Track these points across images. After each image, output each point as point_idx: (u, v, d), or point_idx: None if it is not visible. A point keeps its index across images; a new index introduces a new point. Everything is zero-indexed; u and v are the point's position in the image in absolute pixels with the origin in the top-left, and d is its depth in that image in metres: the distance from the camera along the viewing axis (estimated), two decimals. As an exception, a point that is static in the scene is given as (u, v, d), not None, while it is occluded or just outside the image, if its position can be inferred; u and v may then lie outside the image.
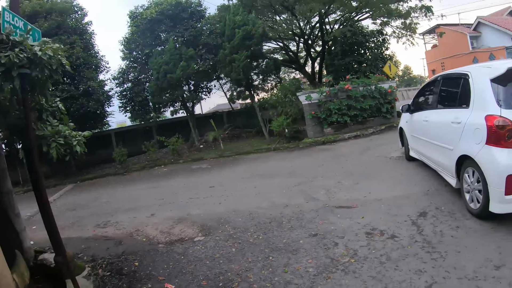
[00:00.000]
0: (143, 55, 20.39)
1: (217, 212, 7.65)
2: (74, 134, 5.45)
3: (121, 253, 6.09)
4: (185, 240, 6.26)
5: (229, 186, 10.24)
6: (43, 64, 3.92)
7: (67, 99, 17.11)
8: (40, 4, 18.46)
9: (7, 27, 3.81)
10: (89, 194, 13.18)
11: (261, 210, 7.21)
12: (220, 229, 6.51)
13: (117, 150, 18.41)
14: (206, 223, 6.92)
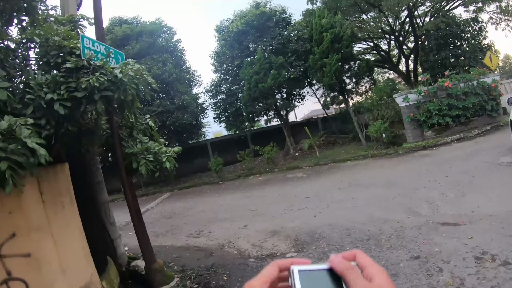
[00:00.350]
0: (233, 67, 20.85)
1: (311, 225, 7.20)
2: (164, 150, 5.46)
3: (211, 265, 6.00)
4: (277, 255, 5.94)
5: (324, 197, 9.70)
6: (125, 85, 3.91)
7: (163, 113, 18.17)
8: (130, 28, 20.10)
9: (87, 53, 3.89)
10: (185, 202, 13.66)
11: (358, 225, 6.58)
12: (314, 245, 6.06)
13: (213, 160, 18.95)
14: (300, 238, 6.53)
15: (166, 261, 6.44)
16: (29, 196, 3.72)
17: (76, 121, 3.79)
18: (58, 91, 3.48)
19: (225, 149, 21.86)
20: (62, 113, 3.43)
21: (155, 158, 5.20)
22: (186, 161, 21.14)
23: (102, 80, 3.63)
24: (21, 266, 3.44)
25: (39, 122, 3.37)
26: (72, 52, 3.99)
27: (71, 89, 3.58)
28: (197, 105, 20.41)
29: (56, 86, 3.51)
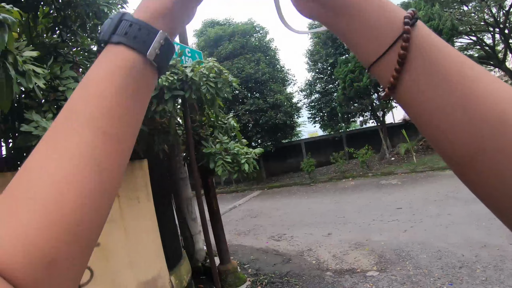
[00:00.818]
0: (327, 65, 20.33)
1: (400, 241, 6.54)
2: (244, 151, 5.33)
3: (285, 273, 5.75)
4: (357, 272, 5.46)
5: (418, 209, 8.77)
6: (197, 84, 3.85)
7: (256, 111, 18.38)
8: (222, 29, 20.68)
9: (158, 53, 3.90)
10: (273, 202, 13.58)
11: (452, 248, 5.76)
12: (399, 265, 5.43)
13: (305, 160, 18.64)
14: (385, 255, 5.93)
15: (242, 263, 6.36)
16: (103, 190, 3.87)
17: (147, 121, 3.84)
18: (129, 90, 3.54)
19: (318, 149, 21.42)
20: (132, 112, 3.47)
21: (233, 160, 5.09)
22: (278, 160, 21.21)
23: (172, 79, 3.61)
24: (89, 255, 3.58)
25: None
26: (146, 53, 4.06)
27: (142, 89, 3.62)
28: (291, 104, 20.29)
29: (127, 86, 3.58)
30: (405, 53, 0.42)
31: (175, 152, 6.51)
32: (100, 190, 0.42)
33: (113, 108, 0.44)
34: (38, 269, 0.37)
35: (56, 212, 0.38)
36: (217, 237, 5.63)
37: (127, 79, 0.45)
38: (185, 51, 4.45)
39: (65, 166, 0.40)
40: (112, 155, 0.43)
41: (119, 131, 0.44)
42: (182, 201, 6.49)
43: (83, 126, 0.42)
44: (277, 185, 18.09)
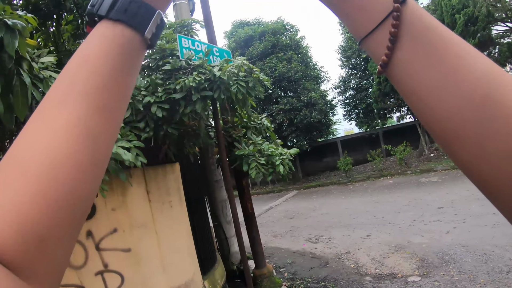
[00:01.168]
0: (361, 60, 19.87)
1: (442, 244, 6.18)
2: (279, 152, 5.18)
3: (323, 277, 5.57)
4: (397, 276, 5.21)
5: (461, 208, 8.28)
6: (225, 84, 3.76)
7: (290, 111, 18.21)
8: (252, 29, 20.67)
9: (186, 53, 3.84)
10: (309, 202, 13.35)
11: (499, 251, 5.36)
12: (443, 269, 5.12)
13: (342, 159, 18.26)
14: (427, 258, 5.62)
15: (278, 266, 6.24)
16: (134, 194, 3.88)
17: (176, 123, 3.79)
18: (156, 93, 3.50)
19: (355, 147, 20.98)
20: (160, 116, 3.43)
21: (268, 161, 4.96)
22: (314, 159, 20.97)
23: (199, 79, 3.53)
24: (120, 259, 3.59)
25: (138, 125, 3.43)
26: (173, 54, 4.02)
27: (169, 91, 3.57)
28: (325, 102, 19.97)
29: (154, 89, 3.54)
30: (396, 31, 0.42)
31: (208, 154, 6.49)
32: (93, 162, 0.42)
33: (108, 84, 0.44)
34: (30, 245, 0.36)
35: (50, 185, 0.38)
36: (252, 240, 5.53)
37: (124, 56, 0.46)
38: (213, 51, 4.36)
39: (58, 138, 0.40)
40: (105, 128, 0.44)
41: (113, 105, 0.45)
42: (217, 204, 6.46)
43: (78, 100, 0.42)
44: (314, 185, 17.84)
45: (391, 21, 0.42)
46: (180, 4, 7.38)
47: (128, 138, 3.06)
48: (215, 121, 4.42)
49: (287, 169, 4.97)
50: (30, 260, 0.36)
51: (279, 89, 19.26)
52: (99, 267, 3.41)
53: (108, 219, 3.54)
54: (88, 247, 3.39)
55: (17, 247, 0.35)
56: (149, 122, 3.49)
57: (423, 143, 18.35)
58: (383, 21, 0.43)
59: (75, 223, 0.41)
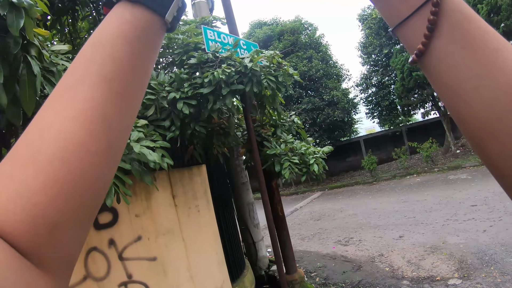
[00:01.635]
0: (382, 57, 19.35)
1: (480, 243, 5.79)
2: (312, 151, 4.88)
3: (357, 282, 5.28)
4: (436, 279, 4.88)
5: (495, 206, 7.81)
6: (258, 76, 3.48)
7: (313, 110, 17.91)
8: (271, 29, 20.69)
9: (212, 45, 3.59)
10: (335, 203, 12.98)
11: (543, 249, 4.94)
12: (484, 271, 4.76)
13: (366, 158, 17.80)
14: (466, 259, 5.25)
15: (308, 270, 5.94)
16: (159, 199, 3.65)
17: (204, 121, 3.53)
18: (182, 89, 3.25)
19: (378, 146, 20.53)
20: (187, 113, 3.17)
21: (301, 160, 4.66)
22: (338, 159, 20.65)
23: (229, 71, 3.25)
24: (145, 269, 3.35)
25: (162, 124, 3.19)
26: (197, 48, 3.78)
27: (196, 86, 3.31)
28: (347, 100, 19.55)
29: (180, 84, 3.29)
30: (435, 18, 0.41)
31: (234, 155, 6.26)
32: (108, 148, 0.41)
33: (126, 69, 0.42)
34: (42, 230, 0.36)
35: (62, 169, 0.37)
36: (283, 244, 5.24)
37: (143, 40, 0.44)
38: (240, 43, 4.10)
39: (72, 121, 0.38)
40: (121, 114, 0.42)
41: (130, 91, 0.43)
42: (244, 207, 6.23)
43: (94, 84, 0.40)
44: (338, 185, 17.45)
45: (429, 8, 0.41)
46: (199, 2, 7.19)
47: (153, 138, 2.82)
48: (246, 118, 4.13)
49: (322, 169, 4.66)
50: (43, 245, 0.36)
51: (301, 89, 18.93)
52: (122, 278, 3.17)
53: (131, 226, 3.30)
54: (111, 256, 3.14)
55: (29, 232, 0.35)
56: (175, 120, 3.23)
57: (449, 139, 17.72)
58: (420, 7, 0.41)
59: (88, 210, 0.40)
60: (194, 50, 3.77)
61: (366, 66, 20.72)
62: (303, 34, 20.99)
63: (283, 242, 5.26)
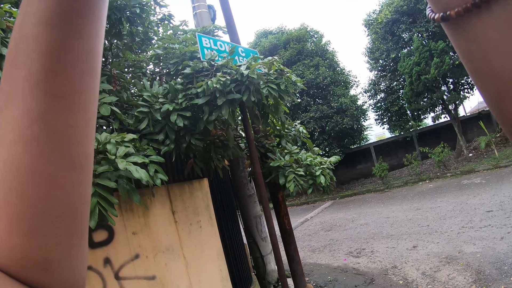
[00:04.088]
0: (389, 61, 19.14)
1: (498, 252, 5.51)
2: (318, 161, 4.68)
3: (370, 297, 5.00)
4: (453, 292, 4.59)
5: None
6: (255, 84, 3.32)
7: (321, 118, 17.75)
8: (276, 38, 20.64)
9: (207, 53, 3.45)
10: (346, 213, 12.72)
11: None
12: (503, 282, 4.52)
13: (377, 165, 17.49)
14: (484, 269, 4.99)
15: (319, 285, 5.73)
16: (158, 215, 3.50)
17: (201, 133, 3.38)
18: (176, 100, 3.11)
19: (389, 152, 20.23)
20: (181, 125, 3.03)
21: (307, 172, 4.47)
22: (348, 167, 20.40)
23: (224, 80, 3.10)
24: (143, 291, 3.17)
25: (156, 137, 3.05)
26: (193, 57, 3.65)
27: (191, 97, 3.17)
28: (356, 107, 19.35)
29: (174, 96, 3.15)
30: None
31: (239, 167, 6.11)
32: (67, 165, 0.36)
33: (61, 61, 0.34)
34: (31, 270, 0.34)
35: (22, 205, 0.33)
36: (291, 258, 5.04)
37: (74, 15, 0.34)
38: (238, 50, 3.95)
39: (16, 148, 0.33)
40: (70, 119, 0.35)
41: (73, 87, 0.35)
42: (251, 220, 6.06)
43: (27, 94, 0.34)
44: (349, 194, 17.14)
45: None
46: (201, 12, 7.13)
47: (146, 152, 2.67)
48: (245, 129, 3.96)
49: (329, 180, 4.44)
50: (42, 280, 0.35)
51: (308, 97, 18.79)
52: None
53: (128, 244, 3.15)
54: (106, 276, 2.98)
55: (22, 273, 0.34)
56: (169, 133, 3.09)
57: (461, 142, 17.36)
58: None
59: (73, 234, 0.37)
60: (190, 59, 3.64)
61: (373, 71, 20.54)
62: (309, 42, 20.92)
63: (291, 257, 5.05)
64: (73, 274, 0.38)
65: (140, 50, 4.26)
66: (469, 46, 0.38)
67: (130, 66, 3.68)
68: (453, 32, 0.39)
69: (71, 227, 0.37)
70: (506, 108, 0.37)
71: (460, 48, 0.39)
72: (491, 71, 0.37)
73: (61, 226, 0.36)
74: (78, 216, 0.38)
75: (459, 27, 0.38)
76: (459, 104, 18.32)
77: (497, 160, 14.12)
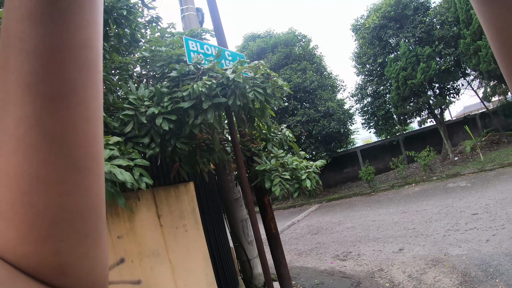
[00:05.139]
0: (376, 66, 19.39)
1: (483, 254, 5.61)
2: (304, 165, 4.69)
3: (356, 300, 5.02)
4: (440, 295, 4.64)
5: (497, 213, 7.64)
6: (241, 88, 3.32)
7: (308, 122, 17.84)
8: (264, 41, 20.70)
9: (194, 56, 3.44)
10: (333, 216, 12.78)
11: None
12: (489, 284, 4.59)
13: (364, 169, 17.63)
14: (470, 272, 5.06)
15: (305, 289, 5.72)
16: (143, 219, 3.47)
17: (186, 137, 3.36)
18: (162, 103, 3.10)
19: (375, 156, 20.43)
20: (166, 129, 3.01)
21: (293, 176, 4.47)
22: (335, 170, 20.51)
23: (210, 83, 3.09)
24: (128, 295, 3.14)
25: (142, 140, 3.02)
26: (180, 60, 3.64)
27: (177, 100, 3.16)
28: (343, 111, 19.49)
29: (160, 99, 3.14)
30: None
31: (226, 171, 6.09)
32: (73, 168, 0.34)
33: (51, 59, 0.32)
34: (51, 275, 0.34)
35: (30, 214, 0.32)
36: (277, 262, 5.03)
37: (57, 6, 0.32)
38: (225, 54, 3.95)
39: (17, 158, 0.32)
40: (69, 120, 0.33)
41: (71, 85, 0.33)
42: (237, 224, 6.04)
43: (20, 99, 0.32)
44: (336, 197, 17.24)
45: None
46: (189, 15, 7.11)
47: (131, 155, 2.65)
48: (231, 133, 3.96)
49: (314, 184, 4.45)
50: (67, 282, 0.35)
51: (295, 101, 18.87)
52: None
53: (113, 248, 3.11)
54: (91, 282, 2.95)
55: (41, 276, 0.33)
56: (155, 136, 3.07)
57: (447, 146, 17.64)
58: None
59: (88, 236, 0.36)
60: (177, 62, 3.63)
61: (360, 76, 20.75)
62: (296, 46, 21.03)
63: (278, 260, 5.04)
64: (93, 275, 0.37)
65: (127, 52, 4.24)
66: (503, 13, 0.35)
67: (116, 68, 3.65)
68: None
69: (85, 230, 0.36)
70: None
71: (491, 15, 0.36)
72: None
73: (74, 231, 0.35)
74: (91, 219, 0.37)
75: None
76: (445, 108, 18.62)
77: (482, 163, 14.38)
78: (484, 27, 0.38)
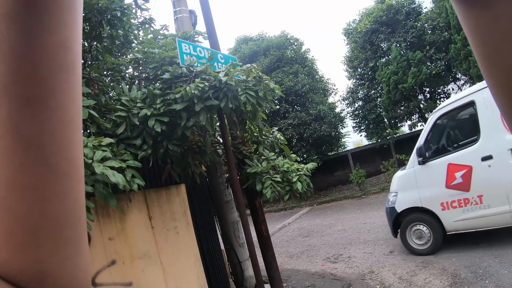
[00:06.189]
0: (368, 70, 19.54)
1: (473, 255, 5.67)
2: (295, 168, 4.71)
3: (347, 302, 5.04)
4: (430, 297, 4.68)
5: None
6: (233, 91, 3.34)
7: (300, 125, 17.86)
8: (256, 44, 20.71)
9: (187, 59, 3.46)
10: (324, 219, 12.80)
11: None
12: (479, 285, 4.63)
13: (355, 172, 17.72)
14: (459, 273, 5.11)
15: (296, 291, 5.73)
16: (135, 221, 3.46)
17: (178, 139, 3.37)
18: (154, 105, 3.10)
19: (366, 159, 20.48)
20: (159, 130, 3.02)
21: (284, 178, 4.49)
22: (326, 173, 20.53)
23: (203, 86, 3.10)
24: (119, 297, 3.13)
25: (134, 142, 3.02)
26: (173, 62, 3.65)
27: (169, 102, 3.16)
28: (334, 115, 19.57)
29: (152, 101, 3.14)
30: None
31: (217, 173, 6.09)
32: (51, 173, 0.33)
33: (27, 60, 0.30)
34: (32, 283, 0.33)
35: (8, 220, 0.32)
36: (268, 265, 5.04)
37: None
38: (217, 57, 3.97)
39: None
40: (45, 123, 0.32)
41: (48, 87, 0.32)
42: (228, 226, 6.03)
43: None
44: (327, 200, 17.28)
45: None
46: (182, 17, 7.11)
47: (123, 157, 2.65)
48: (223, 136, 3.97)
49: (305, 186, 4.47)
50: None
51: (287, 104, 18.91)
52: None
53: (104, 250, 3.10)
54: (82, 283, 2.93)
55: (24, 285, 0.33)
56: (147, 138, 3.07)
57: (437, 151, 17.77)
58: None
59: (66, 242, 0.35)
60: (170, 64, 3.63)
61: (352, 80, 20.90)
62: (289, 49, 21.08)
63: (269, 263, 5.06)
64: (74, 282, 0.36)
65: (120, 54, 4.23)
66: (488, 25, 0.35)
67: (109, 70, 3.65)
68: (470, 9, 0.36)
69: (64, 237, 0.35)
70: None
71: (476, 27, 0.36)
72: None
73: (53, 238, 0.34)
74: (71, 226, 0.36)
75: (478, 3, 0.35)
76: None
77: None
78: (469, 37, 0.38)
